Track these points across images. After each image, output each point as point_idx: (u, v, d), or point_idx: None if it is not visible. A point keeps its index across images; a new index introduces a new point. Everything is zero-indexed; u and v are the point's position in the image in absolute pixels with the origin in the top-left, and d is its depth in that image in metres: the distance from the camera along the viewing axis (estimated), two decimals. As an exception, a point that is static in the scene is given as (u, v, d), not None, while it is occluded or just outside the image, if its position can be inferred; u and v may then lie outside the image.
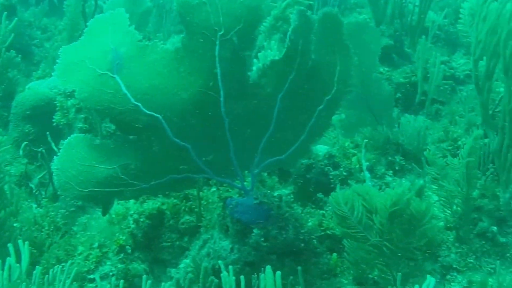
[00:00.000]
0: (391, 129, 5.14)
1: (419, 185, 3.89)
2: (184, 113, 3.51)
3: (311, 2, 6.03)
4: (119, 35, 3.59)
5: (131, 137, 3.56)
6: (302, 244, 3.83)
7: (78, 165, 3.61)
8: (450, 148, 5.01)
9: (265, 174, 4.61)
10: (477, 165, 4.18)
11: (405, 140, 5.06)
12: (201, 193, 4.35)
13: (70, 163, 3.65)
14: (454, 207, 4.22)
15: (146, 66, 3.51)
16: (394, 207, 3.47)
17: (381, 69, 6.21)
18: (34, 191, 5.38)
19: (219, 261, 3.42)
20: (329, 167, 4.60)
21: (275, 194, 3.94)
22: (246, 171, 3.82)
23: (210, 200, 4.35)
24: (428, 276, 2.72)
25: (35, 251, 4.35)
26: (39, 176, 5.47)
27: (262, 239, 3.64)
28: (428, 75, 5.85)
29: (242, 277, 3.22)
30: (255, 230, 3.63)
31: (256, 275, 3.41)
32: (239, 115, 3.62)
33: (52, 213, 4.65)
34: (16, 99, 6.34)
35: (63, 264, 3.83)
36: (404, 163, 5.01)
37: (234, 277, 3.22)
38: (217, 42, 3.51)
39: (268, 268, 3.10)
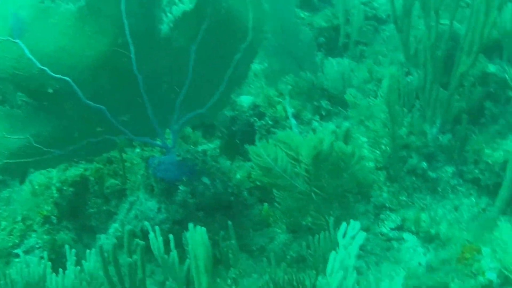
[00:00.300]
0: (315, 74, 5.07)
1: (345, 128, 3.84)
2: (94, 73, 3.34)
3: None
4: (19, -2, 3.39)
5: (42, 103, 3.38)
6: (232, 198, 3.77)
7: (-10, 139, 3.44)
8: (375, 88, 4.98)
9: (189, 129, 4.51)
10: (400, 102, 4.16)
11: (330, 84, 5.01)
12: (124, 155, 4.23)
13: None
14: (383, 147, 4.21)
15: (50, 28, 3.31)
16: (316, 151, 3.43)
17: (302, 14, 6.12)
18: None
19: (145, 222, 3.32)
20: (254, 118, 4.53)
21: (200, 149, 3.84)
22: (167, 129, 3.71)
23: (134, 162, 4.23)
24: (351, 220, 2.68)
25: (-44, 230, 4.18)
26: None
27: (189, 196, 3.56)
28: (349, 17, 5.78)
29: (171, 236, 3.15)
30: (180, 187, 3.55)
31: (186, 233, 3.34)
32: (153, 71, 3.47)
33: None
34: None
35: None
36: (330, 107, 4.97)
37: (162, 238, 3.14)
38: (123, -4, 3.35)
39: (191, 225, 3.03)
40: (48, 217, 4.05)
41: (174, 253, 3.15)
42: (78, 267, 3.07)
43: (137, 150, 4.38)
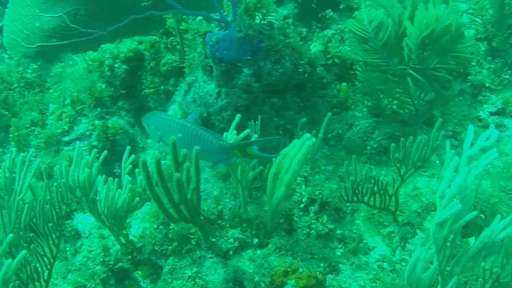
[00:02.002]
0: None
1: None
2: None
3: None
4: None
5: (74, -26, 2.86)
6: (305, 76, 3.23)
7: (23, 16, 2.99)
8: None
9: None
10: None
11: None
12: (185, 25, 3.70)
13: (16, 15, 3.04)
14: (488, 16, 3.50)
15: None
16: (429, 30, 2.82)
17: None
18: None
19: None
20: (334, -23, 3.85)
21: (266, 20, 3.26)
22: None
23: (198, 34, 3.70)
24: (470, 126, 2.11)
25: (7, 112, 3.86)
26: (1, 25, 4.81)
27: (253, 80, 3.04)
28: None
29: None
30: (245, 70, 3.02)
31: (253, 122, 2.85)
32: None
33: (20, 68, 4.01)
34: None
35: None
36: None
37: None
38: None
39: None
40: (100, 99, 3.64)
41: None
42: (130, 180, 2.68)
43: (199, 18, 3.83)
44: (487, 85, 3.44)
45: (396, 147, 2.57)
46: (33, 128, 3.63)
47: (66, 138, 3.53)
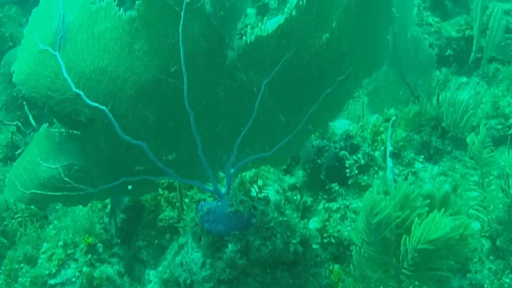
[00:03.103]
0: (429, 102, 4.24)
1: (443, 192, 3.03)
2: (136, 104, 2.79)
3: None
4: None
5: (74, 132, 2.89)
6: (295, 256, 3.15)
7: (26, 161, 3.04)
8: (499, 127, 4.11)
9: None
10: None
11: (447, 117, 4.12)
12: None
13: (23, 158, 3.10)
14: (494, 215, 3.40)
15: (94, 40, 2.77)
16: (435, 246, 2.71)
17: (430, 20, 5.25)
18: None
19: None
20: (344, 152, 3.82)
21: (265, 192, 3.24)
22: (220, 172, 3.13)
23: (197, 197, 3.71)
24: None
25: (5, 241, 3.88)
26: (19, 152, 4.94)
27: (238, 255, 2.99)
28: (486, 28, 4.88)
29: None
30: (230, 245, 2.98)
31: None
32: (208, 106, 2.88)
33: (26, 198, 4.06)
34: (5, 57, 5.76)
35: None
36: (441, 146, 4.11)
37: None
38: (182, 14, 2.75)
39: None
40: (93, 245, 3.63)
41: None
42: None
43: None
44: (486, 286, 3.29)
45: None
46: (22, 265, 3.63)
47: (52, 281, 3.50)
